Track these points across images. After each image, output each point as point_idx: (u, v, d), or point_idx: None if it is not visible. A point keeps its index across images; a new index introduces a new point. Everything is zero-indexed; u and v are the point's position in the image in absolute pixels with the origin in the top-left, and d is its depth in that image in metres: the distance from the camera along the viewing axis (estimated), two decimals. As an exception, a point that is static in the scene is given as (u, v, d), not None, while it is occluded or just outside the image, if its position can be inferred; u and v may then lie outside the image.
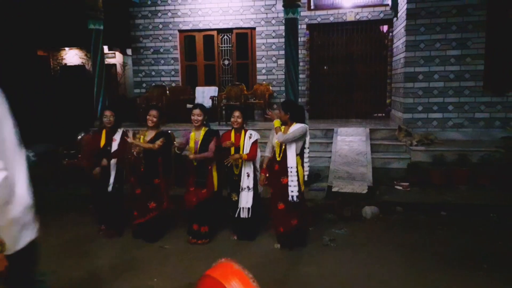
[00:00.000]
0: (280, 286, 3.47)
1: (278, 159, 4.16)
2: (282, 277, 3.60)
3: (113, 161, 4.56)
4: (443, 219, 4.91)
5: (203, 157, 4.28)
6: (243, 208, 4.31)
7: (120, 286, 3.55)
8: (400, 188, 5.83)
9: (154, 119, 4.45)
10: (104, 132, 4.66)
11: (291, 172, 4.01)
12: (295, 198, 4.01)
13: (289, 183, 4.02)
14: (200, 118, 4.33)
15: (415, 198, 5.42)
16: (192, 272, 3.64)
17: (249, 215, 4.29)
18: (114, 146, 4.58)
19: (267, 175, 4.31)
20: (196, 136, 4.38)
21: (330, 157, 6.53)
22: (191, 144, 4.37)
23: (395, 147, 6.85)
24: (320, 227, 4.76)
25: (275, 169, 4.19)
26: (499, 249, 4.08)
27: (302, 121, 4.17)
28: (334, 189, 5.42)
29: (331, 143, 6.95)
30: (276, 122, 4.16)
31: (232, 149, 4.33)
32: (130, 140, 4.36)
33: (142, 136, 4.48)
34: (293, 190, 4.01)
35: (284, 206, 4.10)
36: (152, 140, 4.39)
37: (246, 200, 4.32)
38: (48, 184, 6.26)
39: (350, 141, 6.91)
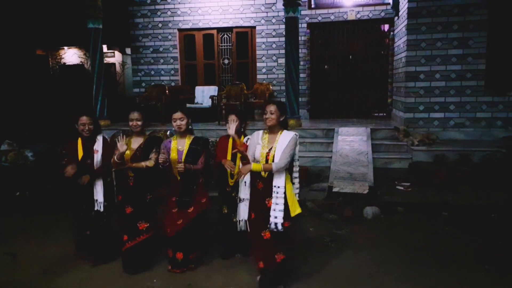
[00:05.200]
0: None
1: (263, 175, 3.26)
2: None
3: (99, 174, 3.83)
4: (444, 219, 4.87)
5: (193, 169, 3.59)
6: (241, 221, 3.71)
7: (119, 285, 3.52)
8: (401, 188, 5.79)
9: (138, 123, 3.69)
10: (80, 141, 3.85)
11: (277, 192, 3.17)
12: (278, 227, 3.14)
13: (273, 207, 3.16)
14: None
15: (416, 198, 5.38)
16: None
17: (248, 229, 3.60)
18: (97, 158, 3.81)
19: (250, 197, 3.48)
20: (180, 145, 3.65)
21: (330, 157, 6.50)
22: (173, 155, 3.59)
23: (396, 147, 6.82)
24: (321, 228, 4.73)
25: (258, 188, 3.30)
26: (501, 249, 4.04)
27: (286, 126, 3.43)
28: (335, 189, 5.38)
29: (332, 143, 6.91)
30: (255, 166, 3.20)
31: (229, 155, 3.78)
32: (121, 149, 3.53)
33: (127, 145, 3.68)
34: (277, 216, 3.14)
35: (271, 236, 3.22)
36: (142, 148, 3.71)
37: (244, 212, 3.65)
38: (47, 184, 6.21)
39: (351, 141, 6.87)
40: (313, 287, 3.45)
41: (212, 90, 9.17)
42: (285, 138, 3.25)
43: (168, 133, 5.73)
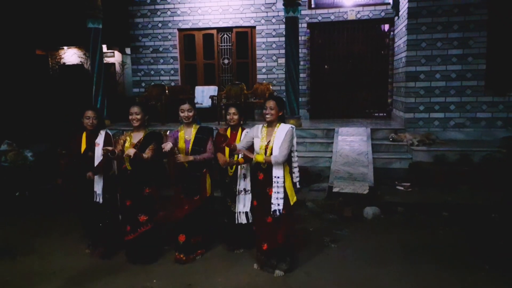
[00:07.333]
0: (280, 287, 3.44)
1: (263, 166, 3.58)
2: (282, 278, 3.56)
3: (99, 168, 4.00)
4: (444, 220, 4.87)
5: (202, 159, 3.82)
6: (240, 212, 3.87)
7: (118, 285, 3.52)
8: (401, 188, 5.80)
9: (138, 117, 3.84)
10: (84, 135, 4.10)
11: (277, 182, 3.47)
12: (278, 212, 3.48)
13: (274, 195, 3.47)
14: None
15: (416, 198, 5.39)
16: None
17: (249, 221, 3.87)
18: (98, 151, 3.98)
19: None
20: (186, 135, 3.90)
21: (331, 157, 6.49)
22: (181, 144, 3.84)
23: (396, 147, 6.81)
24: (321, 228, 4.73)
25: (259, 179, 3.64)
26: (501, 249, 4.04)
27: (283, 120, 3.72)
28: (335, 190, 5.38)
29: (332, 143, 6.91)
30: (258, 157, 3.54)
31: (227, 149, 3.82)
32: (115, 149, 3.70)
33: (128, 139, 3.86)
34: (279, 204, 3.47)
35: (273, 220, 3.56)
36: (141, 143, 3.80)
37: (243, 204, 3.86)
38: (47, 184, 6.21)
39: (351, 141, 6.87)
40: (312, 286, 3.44)
41: (212, 90, 9.16)
42: (282, 131, 3.54)
43: (168, 133, 5.74)
